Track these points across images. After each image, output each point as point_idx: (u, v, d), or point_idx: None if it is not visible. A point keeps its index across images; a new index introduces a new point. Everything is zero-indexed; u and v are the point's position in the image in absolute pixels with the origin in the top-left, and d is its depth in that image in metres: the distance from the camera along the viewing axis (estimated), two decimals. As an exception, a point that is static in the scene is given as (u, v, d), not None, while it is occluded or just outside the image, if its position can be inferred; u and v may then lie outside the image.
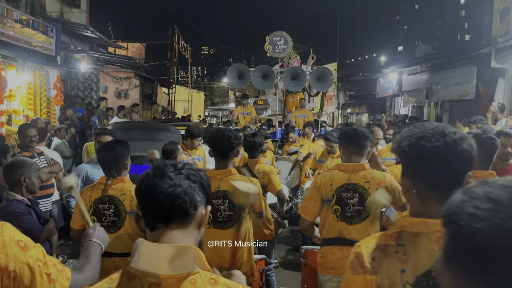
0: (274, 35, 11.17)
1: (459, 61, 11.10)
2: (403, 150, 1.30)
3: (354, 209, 2.83)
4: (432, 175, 1.25)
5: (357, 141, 2.94)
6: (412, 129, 1.33)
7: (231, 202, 2.89)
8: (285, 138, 9.71)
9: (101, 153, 3.03)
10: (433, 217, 1.26)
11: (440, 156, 1.23)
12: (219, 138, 2.95)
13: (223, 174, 2.95)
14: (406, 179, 1.33)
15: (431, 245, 1.24)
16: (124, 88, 15.93)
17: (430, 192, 1.27)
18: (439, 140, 1.24)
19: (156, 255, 1.12)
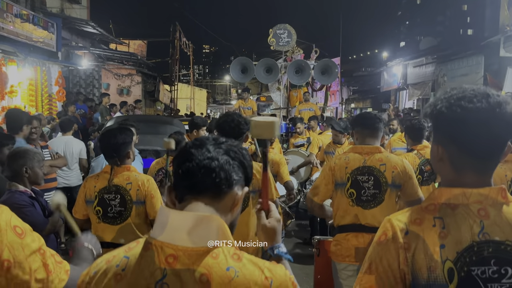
0: (277, 28, 11.03)
1: (467, 51, 10.92)
2: (439, 112, 1.17)
3: (369, 192, 2.71)
4: (471, 140, 1.13)
5: (371, 124, 2.82)
6: (448, 91, 1.20)
7: None
8: (290, 132, 9.59)
9: (102, 140, 2.91)
10: (470, 187, 1.14)
11: (482, 119, 1.10)
12: (228, 123, 2.79)
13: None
14: (438, 146, 1.19)
15: (472, 218, 1.12)
16: (126, 85, 15.83)
17: (466, 160, 1.15)
18: (481, 101, 1.11)
19: (175, 224, 1.00)
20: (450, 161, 1.18)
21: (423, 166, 4.00)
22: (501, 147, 1.14)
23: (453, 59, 11.65)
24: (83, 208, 2.84)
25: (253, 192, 2.78)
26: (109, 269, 1.03)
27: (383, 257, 1.15)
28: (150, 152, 6.05)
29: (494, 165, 1.17)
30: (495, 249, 1.10)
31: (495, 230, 1.11)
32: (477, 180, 1.15)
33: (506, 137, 1.13)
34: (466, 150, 1.14)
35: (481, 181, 1.15)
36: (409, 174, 2.75)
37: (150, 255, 1.00)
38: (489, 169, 1.17)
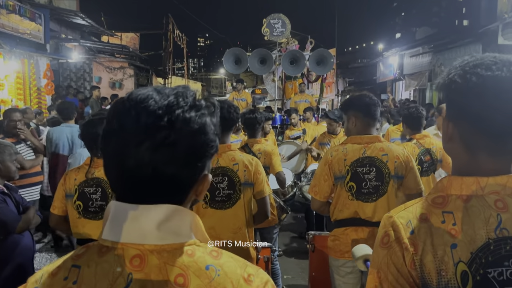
0: (271, 17, 10.79)
1: (464, 39, 10.75)
2: (451, 82, 1.00)
3: (371, 185, 2.53)
4: (486, 115, 0.94)
5: (374, 112, 2.63)
6: (465, 59, 1.02)
7: (230, 180, 2.61)
8: (285, 124, 9.42)
9: (83, 131, 2.74)
10: (485, 174, 0.96)
11: (501, 90, 0.92)
12: (220, 107, 2.65)
13: (222, 149, 2.66)
14: (449, 123, 1.02)
15: (488, 211, 0.94)
16: (118, 78, 15.55)
17: (481, 140, 0.97)
18: (502, 69, 0.94)
19: (139, 219, 0.80)
20: (461, 140, 1.00)
21: (422, 156, 3.85)
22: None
23: (450, 48, 11.48)
24: (62, 203, 2.67)
25: (245, 184, 2.62)
26: (54, 284, 0.81)
27: (389, 262, 0.98)
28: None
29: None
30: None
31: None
32: (493, 166, 0.97)
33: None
34: (481, 126, 0.96)
35: (498, 167, 0.97)
36: (411, 165, 2.58)
37: (108, 261, 0.78)
38: (508, 152, 0.98)
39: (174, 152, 0.76)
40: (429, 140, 3.92)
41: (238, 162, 2.63)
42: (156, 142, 0.75)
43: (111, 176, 0.81)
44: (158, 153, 0.75)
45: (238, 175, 2.61)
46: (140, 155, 0.75)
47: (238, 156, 2.66)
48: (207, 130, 0.80)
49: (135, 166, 0.76)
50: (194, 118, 0.78)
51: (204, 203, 2.62)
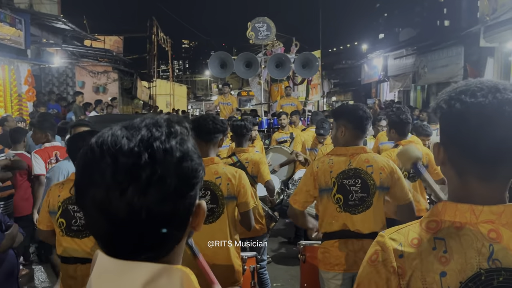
0: (256, 21, 10.78)
1: (447, 42, 10.91)
2: (438, 107, 0.99)
3: (357, 196, 2.51)
4: (472, 142, 0.93)
5: (365, 125, 2.61)
6: (457, 84, 1.01)
7: (213, 194, 2.57)
8: (271, 128, 9.40)
9: (70, 144, 2.67)
10: (479, 202, 0.94)
11: (485, 118, 0.91)
12: (204, 119, 2.70)
13: (205, 163, 2.59)
14: (440, 148, 1.01)
15: (480, 240, 0.92)
16: (102, 82, 15.36)
17: (470, 165, 0.95)
18: (486, 96, 0.92)
19: (119, 278, 0.71)
20: (453, 166, 0.99)
21: (409, 162, 3.86)
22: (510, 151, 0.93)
23: (433, 50, 11.64)
24: (47, 218, 2.60)
25: (228, 197, 2.58)
26: None
27: (371, 280, 0.97)
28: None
29: (506, 175, 0.97)
30: (508, 278, 0.90)
31: (507, 255, 0.91)
32: (486, 193, 0.95)
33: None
34: (469, 153, 0.95)
35: (492, 195, 0.95)
36: (397, 175, 2.57)
37: None
38: (499, 179, 0.96)
39: (165, 188, 0.68)
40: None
41: (221, 175, 2.59)
42: (143, 183, 0.67)
43: (98, 231, 0.72)
44: (148, 194, 0.67)
45: (221, 189, 2.57)
46: (129, 202, 0.67)
47: (221, 169, 2.62)
48: (192, 155, 0.74)
49: (126, 216, 0.67)
50: (175, 146, 0.71)
51: None
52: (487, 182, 0.95)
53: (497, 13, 8.43)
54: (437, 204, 1.02)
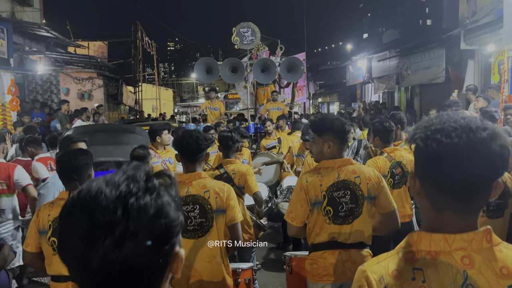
0: (241, 26, 10.80)
1: (428, 45, 11.10)
2: (416, 144, 1.05)
3: (347, 207, 2.58)
4: (447, 179, 0.99)
5: (347, 140, 2.73)
6: (431, 119, 1.07)
7: (202, 207, 2.59)
8: (259, 132, 9.44)
9: (62, 163, 2.66)
10: (452, 232, 1.01)
11: (460, 157, 0.97)
12: (186, 139, 2.67)
13: (192, 178, 2.66)
14: (416, 180, 1.07)
15: (455, 267, 0.99)
16: (87, 89, 15.21)
17: (445, 199, 1.02)
18: (460, 136, 0.98)
19: None
20: (428, 198, 1.05)
21: (393, 169, 3.93)
22: (485, 187, 1.00)
23: (416, 52, 11.83)
24: (35, 240, 2.59)
25: (217, 211, 2.61)
26: None
27: None
28: (112, 164, 5.75)
29: (479, 205, 1.04)
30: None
31: (480, 279, 0.98)
32: (460, 224, 1.02)
33: (492, 177, 1.00)
34: (444, 188, 1.01)
35: (465, 224, 1.02)
36: (382, 184, 2.65)
37: None
38: (473, 211, 1.04)
39: (138, 243, 0.72)
40: (399, 153, 4.01)
41: (209, 189, 2.61)
42: (117, 238, 0.71)
43: (78, 278, 0.77)
44: (122, 248, 0.71)
45: (209, 202, 2.59)
46: (104, 254, 0.71)
47: (209, 183, 2.65)
48: (167, 210, 0.77)
49: (101, 266, 0.72)
50: (149, 203, 0.74)
51: None
52: (461, 215, 1.02)
53: (476, 16, 8.62)
54: (412, 234, 1.08)
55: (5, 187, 4.02)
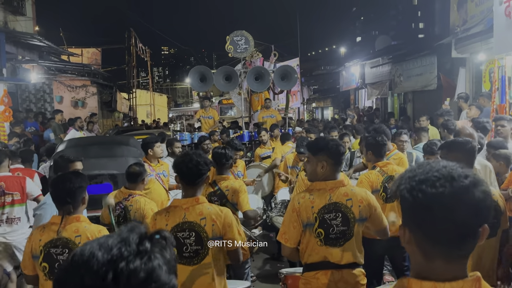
0: (234, 34, 10.85)
1: (420, 52, 11.20)
2: (401, 195, 1.09)
3: (338, 230, 2.60)
4: (436, 228, 1.03)
5: (342, 161, 2.78)
6: (414, 169, 1.10)
7: (198, 235, 2.59)
8: (253, 140, 9.45)
9: (57, 186, 2.66)
10: (442, 280, 1.04)
11: (445, 206, 1.02)
12: (186, 164, 2.65)
13: (190, 203, 2.64)
14: (405, 229, 1.10)
15: None
16: (80, 97, 15.17)
17: (434, 248, 1.06)
18: (445, 185, 1.03)
19: None
20: (418, 246, 1.08)
21: (386, 183, 3.97)
22: (472, 233, 1.04)
23: (408, 59, 11.93)
24: (30, 263, 2.61)
25: (213, 238, 2.61)
26: None
27: None
28: (106, 177, 5.76)
29: (468, 251, 1.08)
30: None
31: None
32: (449, 271, 1.05)
33: (476, 223, 1.04)
34: (433, 236, 1.05)
35: (454, 272, 1.05)
36: (374, 206, 2.68)
37: None
38: (462, 257, 1.07)
39: None
40: (391, 167, 4.05)
41: (205, 216, 2.60)
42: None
43: None
44: None
45: (205, 230, 2.58)
46: None
47: (206, 209, 2.63)
48: (158, 274, 0.77)
49: None
50: (139, 267, 0.75)
51: None
52: (451, 262, 1.05)
53: (467, 24, 8.72)
54: (401, 280, 1.11)
55: (19, 197, 4.45)
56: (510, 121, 5.15)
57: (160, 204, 4.96)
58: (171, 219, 2.61)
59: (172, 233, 2.54)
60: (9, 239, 4.42)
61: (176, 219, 2.60)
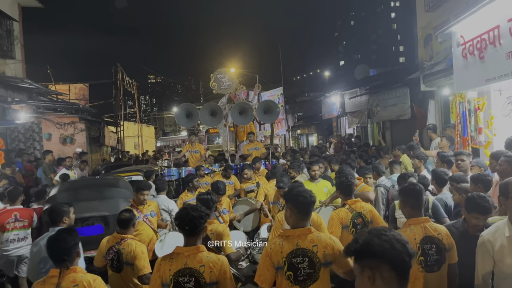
0: (218, 72, 11.40)
1: (393, 84, 11.84)
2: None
3: (305, 272, 2.93)
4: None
5: (308, 210, 3.04)
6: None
7: (197, 281, 2.91)
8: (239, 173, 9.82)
9: (52, 247, 3.00)
10: None
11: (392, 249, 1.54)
12: (183, 219, 3.00)
13: (192, 251, 2.97)
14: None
15: None
16: (69, 133, 15.45)
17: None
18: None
19: None
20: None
21: (355, 219, 4.36)
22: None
23: (383, 90, 12.55)
24: None
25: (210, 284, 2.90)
26: None
27: None
28: (97, 219, 6.02)
29: None
30: None
31: None
32: None
33: None
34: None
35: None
36: (338, 250, 2.99)
37: None
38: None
39: None
40: (360, 205, 4.46)
41: (204, 264, 2.93)
42: None
43: None
44: None
45: (204, 276, 2.90)
46: None
47: (205, 257, 2.96)
48: None
49: None
50: None
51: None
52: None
53: (433, 60, 9.37)
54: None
55: (27, 224, 5.99)
56: (469, 155, 5.65)
57: (148, 242, 5.32)
58: (174, 264, 2.93)
59: (174, 277, 2.89)
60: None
61: (179, 265, 2.92)
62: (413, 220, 3.21)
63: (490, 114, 6.33)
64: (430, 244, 3.09)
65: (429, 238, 3.10)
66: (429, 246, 3.08)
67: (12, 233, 5.86)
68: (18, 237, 5.90)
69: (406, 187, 3.47)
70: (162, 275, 2.93)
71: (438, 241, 3.12)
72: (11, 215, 5.90)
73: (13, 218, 5.89)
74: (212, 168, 9.62)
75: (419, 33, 9.87)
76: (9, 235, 5.85)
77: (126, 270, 3.98)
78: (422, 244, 3.09)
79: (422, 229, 3.13)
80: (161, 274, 2.94)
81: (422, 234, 3.11)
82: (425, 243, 3.09)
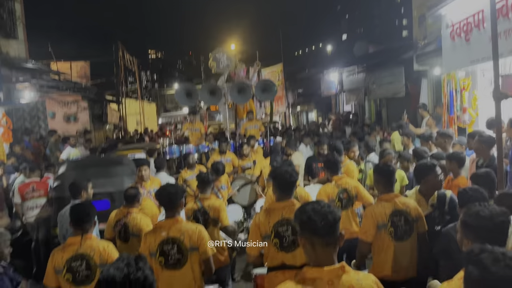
0: (216, 51, 11.63)
1: (389, 63, 12.06)
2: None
3: (289, 240, 3.36)
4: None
5: (288, 188, 3.46)
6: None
7: (179, 247, 3.41)
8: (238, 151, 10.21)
9: (75, 213, 3.49)
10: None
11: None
12: (161, 195, 3.54)
13: (172, 223, 3.48)
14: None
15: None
16: (72, 112, 15.78)
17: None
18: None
19: None
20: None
21: (341, 194, 4.77)
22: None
23: (379, 69, 12.78)
24: (53, 277, 3.36)
25: (191, 249, 3.42)
26: None
27: None
28: (104, 195, 6.43)
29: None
30: None
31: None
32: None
33: None
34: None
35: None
36: None
37: None
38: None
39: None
40: (345, 180, 4.86)
41: (184, 232, 3.44)
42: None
43: None
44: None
45: (184, 243, 3.41)
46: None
47: (184, 227, 3.48)
48: (148, 276, 1.65)
49: None
50: (140, 276, 1.63)
51: (160, 265, 3.41)
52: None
53: (427, 39, 9.58)
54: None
55: (43, 193, 6.99)
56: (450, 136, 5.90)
57: (152, 216, 5.76)
58: (158, 236, 3.44)
59: (159, 246, 3.40)
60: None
61: (162, 236, 3.43)
62: (384, 196, 3.60)
63: (474, 94, 6.63)
64: (398, 216, 3.48)
65: (398, 211, 3.49)
66: (398, 218, 3.47)
67: (31, 202, 6.84)
68: (36, 204, 6.85)
69: (380, 167, 3.86)
70: (148, 246, 3.44)
71: (407, 214, 3.50)
72: (29, 186, 6.89)
73: (30, 189, 6.88)
74: (212, 146, 10.00)
75: (414, 13, 10.04)
76: (28, 204, 6.83)
77: (132, 241, 4.42)
78: (392, 216, 3.48)
79: (392, 204, 3.52)
80: (147, 245, 3.45)
81: (392, 208, 3.50)
82: (394, 215, 3.48)
